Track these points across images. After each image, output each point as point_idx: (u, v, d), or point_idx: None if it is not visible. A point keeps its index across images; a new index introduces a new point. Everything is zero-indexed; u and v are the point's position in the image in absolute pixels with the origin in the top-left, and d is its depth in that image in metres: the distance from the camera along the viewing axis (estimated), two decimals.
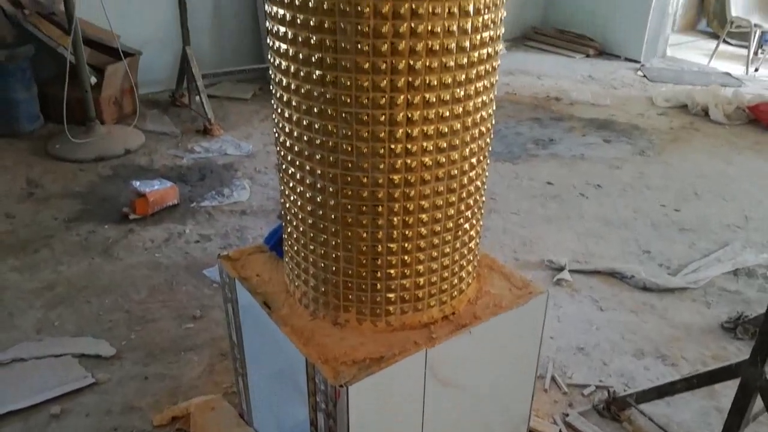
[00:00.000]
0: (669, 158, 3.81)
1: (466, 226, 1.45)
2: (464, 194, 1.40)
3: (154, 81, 4.46)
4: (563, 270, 2.66)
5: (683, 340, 2.30)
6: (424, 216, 1.35)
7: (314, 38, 1.21)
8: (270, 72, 1.38)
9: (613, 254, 2.84)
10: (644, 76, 5.31)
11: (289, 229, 1.49)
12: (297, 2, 1.20)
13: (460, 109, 1.30)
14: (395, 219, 1.33)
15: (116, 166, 3.48)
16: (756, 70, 5.53)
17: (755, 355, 1.57)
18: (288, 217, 1.48)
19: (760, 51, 5.79)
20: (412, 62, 1.20)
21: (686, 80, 5.20)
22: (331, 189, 1.33)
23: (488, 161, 1.48)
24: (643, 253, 2.85)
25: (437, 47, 1.20)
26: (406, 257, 1.38)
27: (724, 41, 5.95)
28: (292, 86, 1.30)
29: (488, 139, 1.44)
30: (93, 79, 3.61)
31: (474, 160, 1.39)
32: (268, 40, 1.35)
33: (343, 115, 1.25)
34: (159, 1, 4.34)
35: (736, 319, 2.37)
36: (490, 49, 1.31)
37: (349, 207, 1.33)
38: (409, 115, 1.25)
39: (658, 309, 2.47)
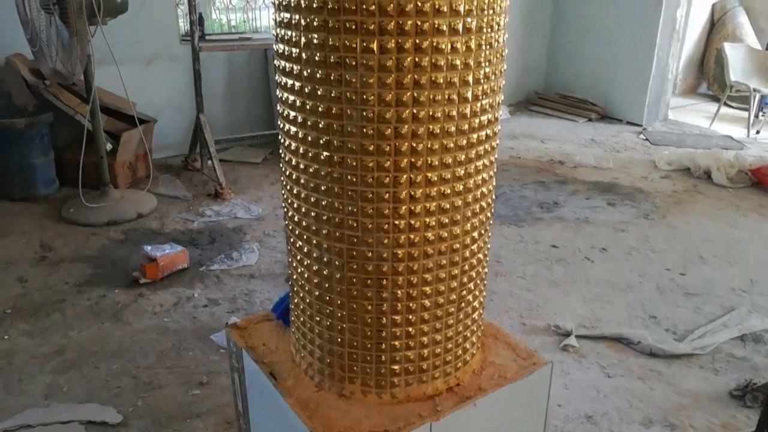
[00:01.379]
0: (673, 221, 3.84)
1: (470, 297, 1.49)
2: (467, 267, 1.44)
3: (167, 146, 4.60)
4: (570, 335, 2.66)
5: (691, 408, 2.28)
6: (427, 289, 1.39)
7: (322, 123, 1.28)
8: (280, 151, 1.44)
9: (620, 319, 2.84)
10: (646, 139, 5.41)
11: (295, 300, 1.53)
12: (307, 90, 1.28)
13: (461, 186, 1.35)
14: (399, 292, 1.37)
15: (128, 230, 3.55)
16: (757, 132, 5.63)
17: (761, 427, 1.57)
18: (295, 288, 1.52)
19: (760, 114, 5.90)
20: (414, 145, 1.26)
21: (688, 143, 5.29)
22: (337, 263, 1.37)
23: (490, 234, 1.53)
24: (649, 317, 2.85)
25: (438, 131, 1.27)
26: (410, 329, 1.41)
27: (725, 104, 6.08)
28: (301, 165, 1.36)
29: (489, 213, 1.49)
30: (109, 146, 3.73)
31: (476, 234, 1.44)
32: (279, 122, 1.42)
33: (349, 193, 1.31)
34: (175, 70, 4.52)
35: (745, 386, 2.35)
36: (488, 131, 1.38)
37: (354, 280, 1.37)
38: (412, 193, 1.30)
39: (666, 376, 2.46)
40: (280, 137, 1.43)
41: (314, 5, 1.20)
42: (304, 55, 1.26)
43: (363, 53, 1.20)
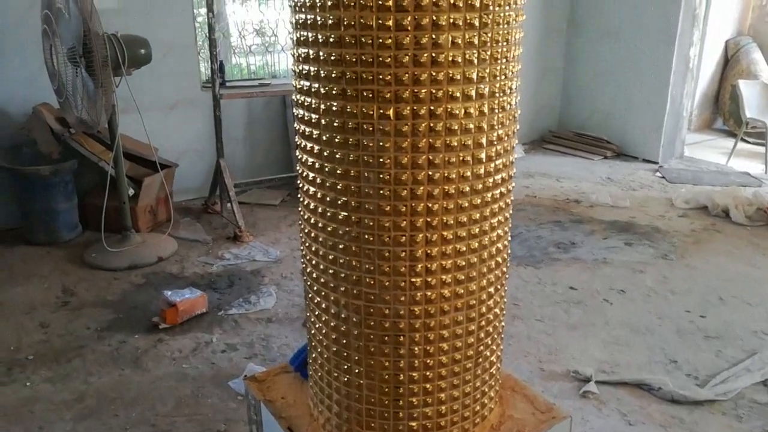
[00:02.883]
0: (692, 261, 3.82)
1: (487, 352, 1.50)
2: (483, 322, 1.46)
3: (188, 189, 4.68)
4: (589, 381, 2.64)
5: None
6: (444, 345, 1.40)
7: (340, 184, 1.32)
8: (300, 210, 1.48)
9: (640, 363, 2.81)
10: (663, 177, 5.41)
11: (313, 355, 1.55)
12: (325, 153, 1.32)
13: (477, 243, 1.38)
14: (416, 349, 1.38)
15: (148, 274, 3.61)
16: None
17: None
18: (313, 343, 1.54)
19: None
20: (430, 205, 1.30)
21: (705, 181, 5.27)
22: (354, 319, 1.39)
23: (506, 289, 1.54)
24: (669, 362, 2.82)
25: (453, 191, 1.30)
26: (427, 386, 1.42)
27: (742, 139, 6.07)
28: (320, 224, 1.40)
29: (505, 268, 1.51)
30: (131, 191, 3.82)
31: (492, 290, 1.46)
32: (299, 181, 1.46)
33: (367, 251, 1.34)
34: (196, 115, 4.64)
35: None
36: (502, 189, 1.41)
37: (371, 337, 1.39)
38: (428, 252, 1.33)
39: (688, 423, 2.42)
40: (299, 196, 1.48)
41: (333, 75, 1.25)
42: (323, 120, 1.31)
43: (380, 119, 1.24)
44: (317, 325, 1.49)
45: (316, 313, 1.48)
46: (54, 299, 3.33)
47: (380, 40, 1.19)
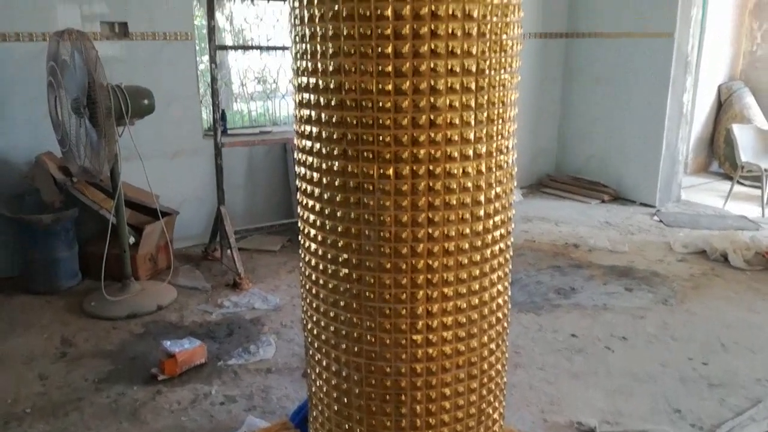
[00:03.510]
0: (692, 307, 3.81)
1: (489, 410, 1.49)
2: (485, 379, 1.45)
3: (188, 236, 4.69)
4: None
5: None
6: (446, 404, 1.39)
7: (341, 242, 1.33)
8: (301, 266, 1.50)
9: (643, 413, 2.78)
10: (660, 221, 5.43)
11: (314, 413, 1.53)
12: (327, 211, 1.34)
13: (477, 300, 1.39)
14: (418, 407, 1.38)
15: (148, 322, 3.59)
16: None
17: None
18: (314, 401, 1.53)
19: None
20: (430, 262, 1.31)
21: (703, 224, 5.30)
22: (355, 377, 1.39)
23: (507, 344, 1.54)
24: (673, 411, 2.79)
25: (452, 248, 1.32)
26: None
27: (738, 182, 6.12)
28: (321, 281, 1.41)
29: (506, 324, 1.51)
30: (132, 239, 3.83)
31: (493, 346, 1.46)
32: (300, 238, 1.48)
33: (368, 309, 1.35)
34: (197, 163, 4.68)
35: None
36: (501, 245, 1.42)
37: (373, 395, 1.38)
38: (429, 309, 1.34)
39: None
40: (301, 252, 1.49)
41: (334, 136, 1.28)
42: (324, 179, 1.33)
43: (380, 179, 1.27)
44: (318, 383, 1.48)
45: (317, 370, 1.48)
46: (53, 350, 3.30)
47: (380, 104, 1.22)
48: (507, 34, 1.27)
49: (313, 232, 1.40)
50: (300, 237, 1.48)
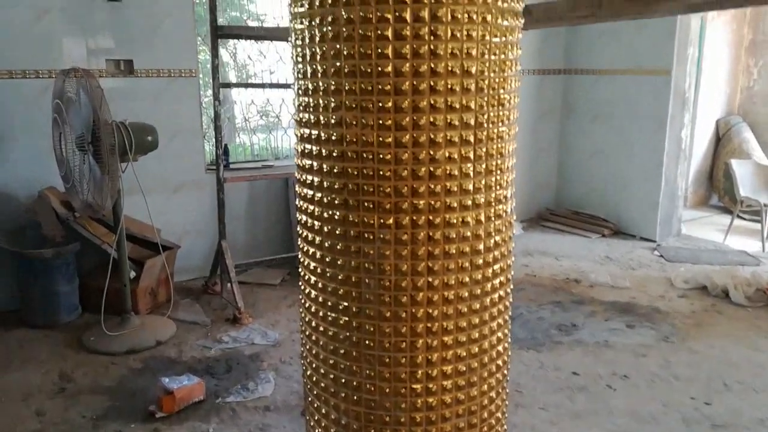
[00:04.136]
0: (694, 345, 3.79)
1: None
2: (485, 428, 1.45)
3: (189, 269, 4.70)
4: None
5: None
6: None
7: (342, 290, 1.34)
8: (301, 312, 1.50)
9: None
10: (661, 255, 5.44)
11: None
12: (327, 259, 1.35)
13: (477, 348, 1.39)
14: None
15: (147, 358, 3.57)
16: None
17: None
18: None
19: None
20: (429, 311, 1.32)
21: (703, 259, 5.30)
22: (354, 426, 1.39)
23: (507, 392, 1.54)
24: None
25: (452, 297, 1.33)
26: None
27: (738, 216, 6.13)
28: (321, 328, 1.41)
29: (506, 371, 1.51)
30: (132, 273, 3.83)
31: (493, 394, 1.46)
32: (301, 285, 1.49)
33: (367, 356, 1.35)
34: (199, 197, 4.71)
35: None
36: (501, 292, 1.43)
37: None
38: (429, 357, 1.34)
39: None
40: (301, 298, 1.50)
41: (335, 186, 1.30)
42: (325, 228, 1.35)
43: (380, 228, 1.28)
44: (317, 431, 1.48)
45: (316, 417, 1.48)
46: (51, 385, 3.28)
47: (380, 156, 1.25)
48: (504, 88, 1.30)
49: (313, 279, 1.41)
50: (300, 282, 1.49)
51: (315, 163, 1.34)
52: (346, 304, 1.35)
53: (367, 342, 1.34)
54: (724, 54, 7.24)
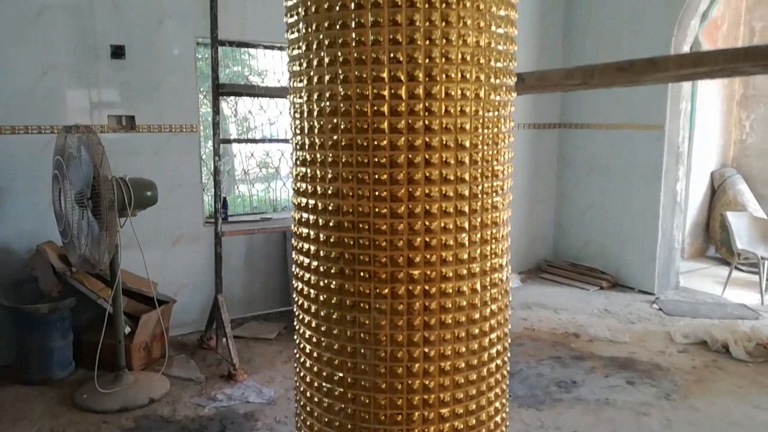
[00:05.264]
0: (696, 403, 3.73)
1: None
2: None
3: (184, 323, 4.66)
4: None
5: None
6: None
7: (337, 360, 1.34)
8: (295, 380, 1.49)
9: None
10: (660, 309, 5.41)
11: None
12: (323, 328, 1.35)
13: (474, 420, 1.37)
14: None
15: (139, 417, 3.51)
16: None
17: None
18: None
19: None
20: (426, 382, 1.31)
21: (703, 313, 5.27)
22: None
23: None
24: None
25: (448, 367, 1.32)
26: None
27: (736, 268, 6.13)
28: (315, 399, 1.40)
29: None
30: (127, 329, 3.80)
31: None
32: (296, 353, 1.48)
33: (362, 429, 1.33)
34: (197, 250, 4.72)
35: None
36: (498, 361, 1.42)
37: None
38: (425, 431, 1.32)
39: None
40: (296, 367, 1.49)
41: (332, 255, 1.31)
42: (321, 297, 1.35)
43: (376, 298, 1.28)
44: None
45: None
46: None
47: (376, 226, 1.26)
48: (498, 160, 1.32)
49: (308, 347, 1.40)
50: (295, 350, 1.48)
51: (312, 232, 1.35)
52: (341, 374, 1.34)
53: (362, 414, 1.32)
54: (716, 108, 7.38)
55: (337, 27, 1.20)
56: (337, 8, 1.20)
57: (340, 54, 1.22)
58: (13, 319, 3.90)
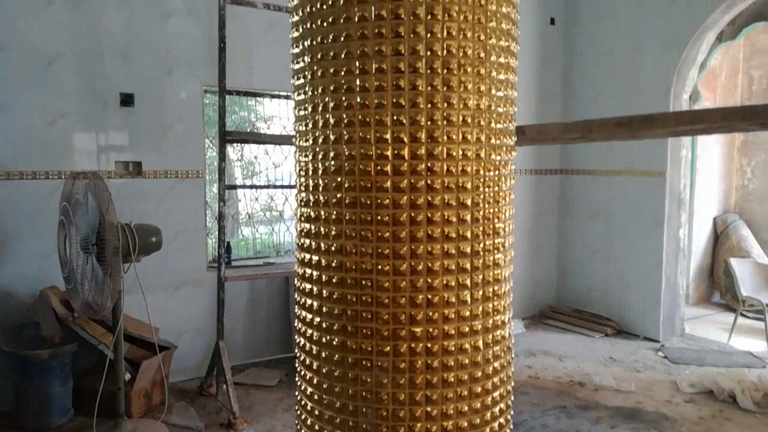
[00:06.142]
0: None
1: None
2: None
3: (185, 368, 4.62)
4: None
5: None
6: None
7: (338, 418, 1.33)
8: None
9: None
10: (666, 357, 5.35)
11: None
12: (324, 386, 1.35)
13: None
14: None
15: None
16: None
17: None
18: None
19: None
20: None
21: (709, 361, 5.21)
22: None
23: None
24: None
25: (451, 427, 1.31)
26: None
27: (741, 314, 6.08)
28: None
29: None
30: (128, 376, 3.77)
31: None
32: (296, 409, 1.47)
33: None
34: (199, 295, 4.71)
35: None
36: (501, 420, 1.41)
37: None
38: None
39: None
40: (297, 425, 1.48)
41: (334, 311, 1.32)
42: (323, 353, 1.35)
43: (378, 356, 1.29)
44: None
45: None
46: None
47: (379, 283, 1.27)
48: (499, 218, 1.34)
49: (310, 405, 1.40)
50: (296, 407, 1.48)
51: (315, 288, 1.36)
52: None
53: None
54: (717, 154, 7.44)
55: (343, 90, 1.24)
56: (343, 72, 1.24)
57: (344, 116, 1.25)
58: (13, 364, 3.87)
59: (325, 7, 1.24)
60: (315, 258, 1.36)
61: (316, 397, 1.37)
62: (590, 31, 6.24)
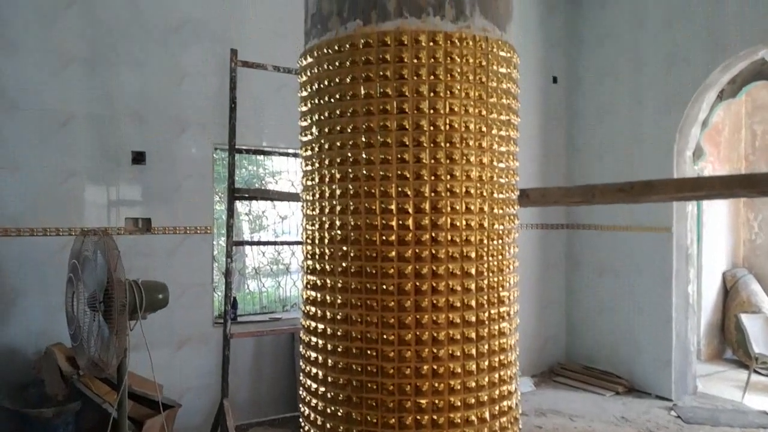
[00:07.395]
0: None
1: None
2: None
3: (188, 427, 4.55)
4: None
5: None
6: None
7: None
8: None
9: None
10: (678, 416, 5.22)
11: None
12: None
13: None
14: None
15: None
16: None
17: None
18: None
19: None
20: None
21: (723, 421, 5.08)
22: None
23: None
24: None
25: None
26: None
27: (755, 371, 5.96)
28: None
29: None
30: None
31: None
32: None
33: None
34: (204, 352, 4.68)
35: None
36: None
37: None
38: None
39: None
40: None
41: (340, 381, 1.32)
42: (328, 425, 1.34)
43: (384, 428, 1.27)
44: None
45: None
46: None
47: (384, 353, 1.27)
48: (503, 287, 1.35)
49: None
50: None
51: (320, 357, 1.36)
52: None
53: None
54: (723, 209, 7.45)
55: (349, 163, 1.27)
56: (349, 146, 1.27)
57: (350, 187, 1.28)
58: (16, 423, 3.83)
59: (332, 84, 1.29)
60: (320, 326, 1.36)
61: None
62: (592, 90, 6.36)
